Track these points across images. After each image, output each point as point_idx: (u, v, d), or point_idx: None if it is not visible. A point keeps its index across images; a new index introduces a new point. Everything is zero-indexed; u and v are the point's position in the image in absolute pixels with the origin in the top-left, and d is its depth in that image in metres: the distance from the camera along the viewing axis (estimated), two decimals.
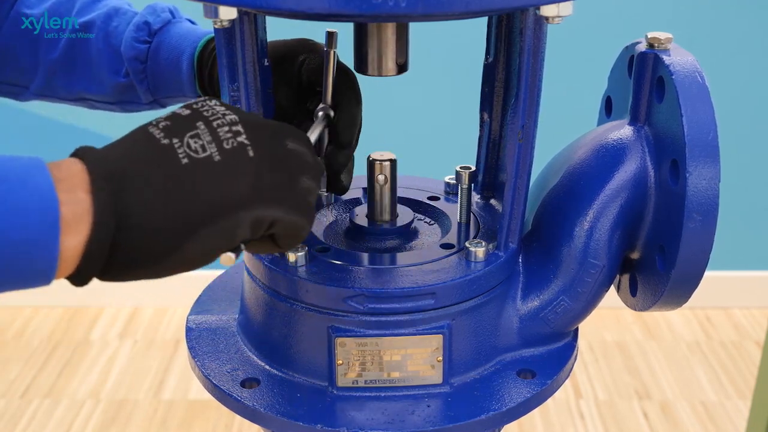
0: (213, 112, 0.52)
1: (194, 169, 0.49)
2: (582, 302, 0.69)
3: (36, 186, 0.45)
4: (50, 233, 0.45)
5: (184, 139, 0.50)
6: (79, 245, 0.47)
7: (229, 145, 0.51)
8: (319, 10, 0.49)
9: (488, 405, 0.65)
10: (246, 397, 0.65)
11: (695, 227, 0.62)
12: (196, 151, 0.50)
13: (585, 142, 0.71)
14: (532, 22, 0.61)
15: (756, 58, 2.12)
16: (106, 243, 0.47)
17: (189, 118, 0.51)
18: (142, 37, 0.78)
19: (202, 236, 0.49)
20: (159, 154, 0.49)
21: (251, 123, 0.53)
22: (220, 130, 0.51)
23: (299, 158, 0.55)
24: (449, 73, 2.06)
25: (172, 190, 0.48)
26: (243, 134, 0.51)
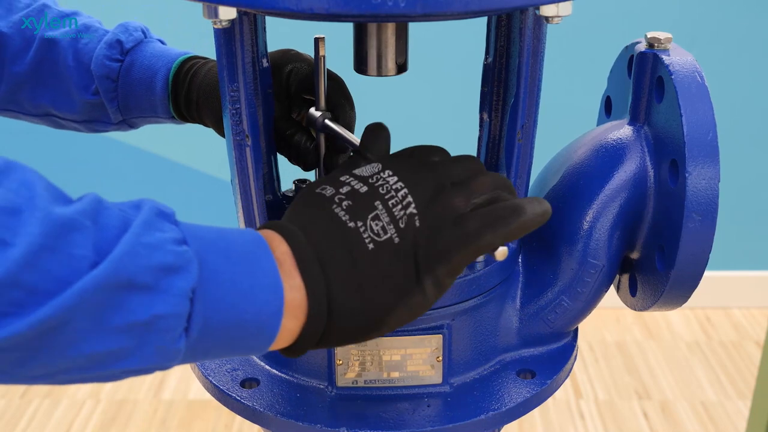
0: (387, 189, 0.53)
1: (379, 253, 0.51)
2: (582, 302, 0.69)
3: (264, 271, 0.48)
4: (275, 316, 0.48)
5: (367, 221, 0.52)
6: (296, 329, 0.50)
7: (403, 223, 0.52)
8: (319, 10, 0.49)
9: (488, 405, 0.65)
10: (246, 397, 0.65)
11: (695, 227, 0.62)
12: (378, 234, 0.52)
13: (584, 142, 0.71)
14: (531, 22, 0.61)
15: (756, 58, 2.13)
16: (318, 328, 0.50)
17: (368, 197, 0.53)
18: (113, 55, 0.77)
19: (396, 314, 0.52)
20: (349, 240, 0.51)
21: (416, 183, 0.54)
22: (395, 209, 0.53)
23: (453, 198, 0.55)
24: (449, 73, 2.06)
25: (366, 276, 0.51)
26: (412, 204, 0.53)
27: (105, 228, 0.42)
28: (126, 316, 0.42)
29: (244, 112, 0.63)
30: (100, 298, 0.41)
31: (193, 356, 0.47)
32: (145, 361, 0.44)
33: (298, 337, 0.50)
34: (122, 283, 0.42)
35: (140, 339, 0.43)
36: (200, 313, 0.44)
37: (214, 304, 0.45)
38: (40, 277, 0.40)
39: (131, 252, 0.42)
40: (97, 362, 0.43)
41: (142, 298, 0.42)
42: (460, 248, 0.53)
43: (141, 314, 0.42)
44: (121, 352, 0.43)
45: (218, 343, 0.47)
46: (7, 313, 0.39)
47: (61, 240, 0.40)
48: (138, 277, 0.42)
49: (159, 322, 0.43)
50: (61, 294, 0.40)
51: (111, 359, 0.43)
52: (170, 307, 0.43)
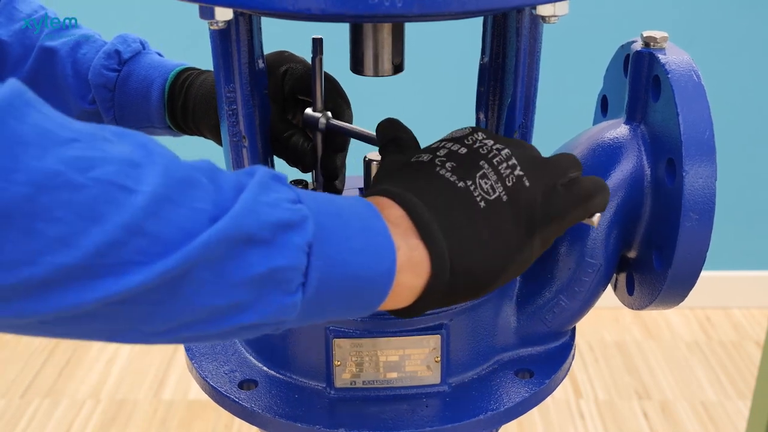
0: (488, 149, 0.55)
1: (491, 211, 0.53)
2: (579, 301, 0.69)
3: (376, 231, 0.49)
4: (388, 273, 0.49)
5: (476, 180, 0.53)
6: (419, 287, 0.51)
7: (510, 183, 0.54)
8: (316, 10, 0.49)
9: (487, 405, 0.65)
10: (244, 398, 0.65)
11: (692, 226, 0.62)
12: (488, 193, 0.53)
13: (581, 141, 0.71)
14: (528, 22, 0.61)
15: (753, 58, 2.13)
16: (443, 286, 0.51)
17: (471, 158, 0.54)
18: (111, 65, 0.78)
19: (509, 270, 0.54)
20: (461, 199, 0.53)
21: (518, 153, 0.56)
22: (500, 167, 0.54)
23: (550, 163, 0.58)
24: (445, 74, 2.06)
25: (482, 234, 0.52)
26: (518, 166, 0.55)
27: (222, 188, 0.43)
28: (246, 269, 0.43)
29: (241, 113, 0.63)
30: (222, 251, 0.42)
31: (309, 313, 0.47)
32: (263, 314, 0.45)
33: (422, 295, 0.51)
34: (242, 238, 0.42)
35: (259, 292, 0.44)
36: (316, 267, 0.45)
37: (329, 259, 0.46)
38: (164, 227, 0.40)
39: (251, 209, 0.43)
40: (219, 315, 0.44)
41: (261, 252, 0.43)
42: (575, 208, 0.56)
43: (260, 267, 0.43)
44: (242, 305, 0.44)
45: (333, 299, 0.48)
46: (134, 262, 0.39)
47: (183, 193, 0.41)
48: (257, 233, 0.43)
49: (277, 274, 0.44)
50: (185, 245, 0.41)
51: (231, 312, 0.44)
52: (288, 260, 0.44)
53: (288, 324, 0.47)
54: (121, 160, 0.40)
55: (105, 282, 0.39)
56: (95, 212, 0.38)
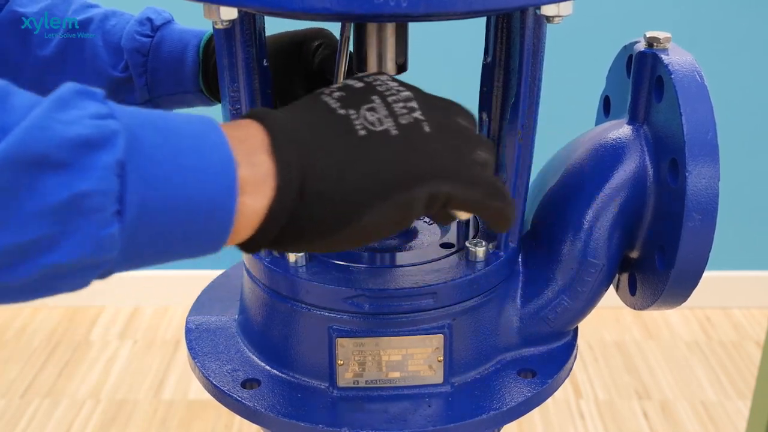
0: (387, 87, 0.51)
1: (372, 141, 0.48)
2: (582, 301, 0.69)
3: (212, 145, 0.43)
4: (227, 194, 0.43)
5: (361, 110, 0.49)
6: (261, 209, 0.45)
7: (405, 121, 0.50)
8: (321, 10, 0.49)
9: (489, 404, 0.65)
10: (246, 397, 0.65)
11: (695, 226, 0.62)
12: (372, 124, 0.49)
13: (584, 142, 0.71)
14: (532, 22, 0.61)
15: (756, 58, 2.13)
16: (288, 208, 0.46)
17: (363, 91, 0.51)
18: (144, 31, 0.79)
19: (378, 209, 0.48)
20: (336, 124, 0.48)
21: (424, 99, 0.52)
22: (395, 105, 0.50)
23: (471, 134, 0.54)
24: (448, 73, 2.06)
25: (352, 161, 0.47)
26: (418, 110, 0.51)
27: (12, 109, 0.38)
28: (42, 197, 0.38)
29: (245, 113, 0.63)
30: (8, 179, 0.37)
31: (136, 250, 0.41)
32: (74, 252, 0.39)
33: (262, 222, 0.45)
34: (32, 161, 0.37)
35: (65, 224, 0.38)
36: (135, 191, 0.40)
37: (152, 182, 0.40)
38: None
39: (41, 126, 0.38)
40: (18, 257, 0.38)
41: (59, 176, 0.38)
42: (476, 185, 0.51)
43: (59, 194, 0.38)
44: (45, 241, 0.38)
45: (163, 230, 0.42)
46: None
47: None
48: (51, 154, 0.37)
49: (82, 202, 0.38)
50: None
51: (33, 251, 0.38)
52: (93, 183, 0.38)
53: (112, 265, 0.41)
54: None
55: None
56: None
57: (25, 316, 2.29)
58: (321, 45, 0.74)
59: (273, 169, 0.45)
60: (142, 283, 2.31)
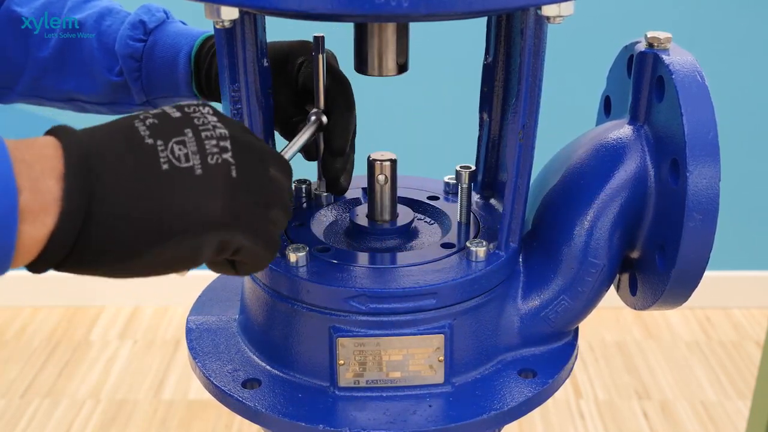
0: (204, 122, 0.50)
1: (173, 177, 0.47)
2: (582, 301, 0.69)
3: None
4: (5, 224, 0.42)
5: (169, 143, 0.48)
6: (42, 237, 0.44)
7: (213, 161, 0.48)
8: (322, 10, 0.49)
9: (490, 404, 0.65)
10: (247, 397, 0.65)
11: (695, 226, 0.62)
12: (178, 159, 0.47)
13: (584, 142, 0.71)
14: (532, 22, 0.61)
15: (756, 58, 2.13)
16: (70, 237, 0.45)
17: (178, 122, 0.49)
18: (137, 35, 0.78)
19: (167, 248, 0.47)
20: (140, 154, 0.47)
21: (240, 142, 0.51)
22: (207, 142, 0.49)
23: (277, 188, 0.54)
24: (449, 73, 2.06)
25: (147, 194, 0.46)
26: (229, 151, 0.49)
27: None
28: None
29: (245, 112, 0.63)
30: None
31: None
32: None
33: (47, 243, 0.44)
34: None
35: None
36: None
37: None
38: None
39: None
40: None
41: None
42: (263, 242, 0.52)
43: None
44: None
45: None
46: None
47: None
48: None
49: None
50: None
51: None
52: None
53: None
54: None
55: None
56: None
57: (25, 316, 2.30)
58: (304, 62, 0.73)
59: (59, 198, 0.44)
60: (142, 283, 2.31)
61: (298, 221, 0.73)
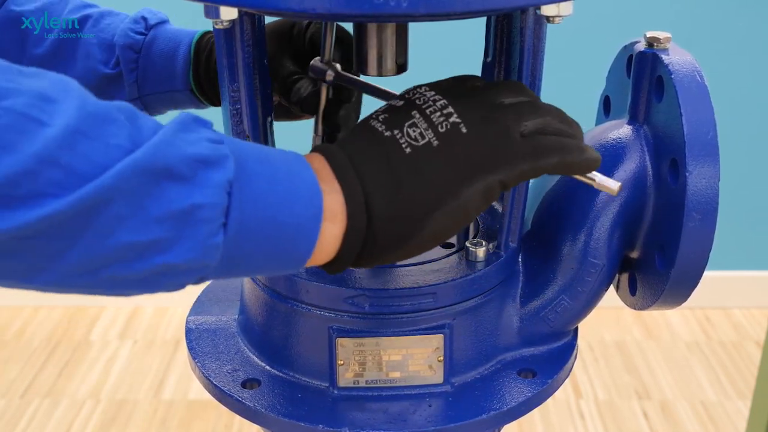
0: (424, 99, 0.54)
1: (417, 157, 0.52)
2: (582, 301, 0.69)
3: (303, 179, 0.49)
4: (313, 219, 0.48)
5: (404, 128, 0.53)
6: (338, 234, 0.50)
7: (444, 128, 0.53)
8: (321, 10, 0.49)
9: (489, 404, 0.65)
10: (247, 397, 0.65)
11: (695, 226, 0.62)
12: (415, 140, 0.52)
13: None
14: (532, 22, 0.61)
15: (756, 58, 2.13)
16: (361, 231, 0.51)
17: (404, 109, 0.54)
18: (138, 28, 0.79)
19: (436, 218, 0.52)
20: (385, 146, 0.52)
21: (461, 100, 0.55)
22: (433, 116, 0.53)
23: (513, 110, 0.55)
24: (449, 73, 2.06)
25: (402, 180, 0.51)
26: (454, 114, 0.53)
27: (141, 127, 0.43)
28: (165, 204, 0.42)
29: (245, 112, 0.63)
30: (139, 184, 0.41)
31: (232, 260, 0.46)
32: (185, 254, 0.44)
33: (342, 244, 0.51)
34: (160, 171, 0.42)
35: (179, 230, 0.43)
36: (238, 207, 0.45)
37: (251, 200, 0.46)
38: (78, 159, 0.40)
39: (168, 142, 0.43)
40: (138, 253, 0.43)
41: (180, 187, 0.43)
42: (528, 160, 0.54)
43: (179, 203, 0.43)
44: (161, 243, 0.43)
45: (257, 246, 0.47)
46: (47, 194, 0.39)
47: (98, 128, 0.41)
48: (175, 167, 0.42)
49: (197, 212, 0.43)
50: (100, 176, 0.40)
51: (151, 251, 0.43)
52: (208, 197, 0.44)
53: (210, 272, 0.46)
54: (35, 93, 0.40)
55: (17, 212, 0.39)
56: (5, 141, 0.38)
57: (25, 316, 2.30)
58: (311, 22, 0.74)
59: (343, 199, 0.50)
60: None
61: None
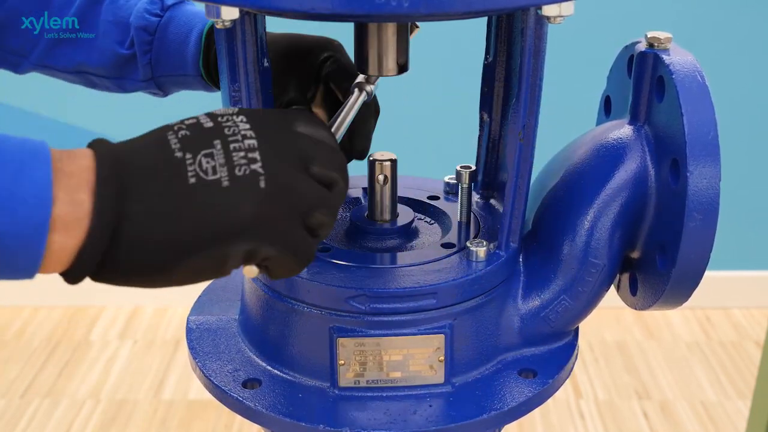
0: (234, 131, 0.50)
1: (199, 191, 0.48)
2: (583, 301, 0.69)
3: (32, 179, 0.44)
4: (36, 231, 0.44)
5: (198, 156, 0.48)
6: (73, 248, 0.46)
7: (241, 172, 0.48)
8: (322, 10, 0.49)
9: (490, 404, 0.65)
10: (248, 397, 0.65)
11: (696, 226, 0.62)
12: (206, 172, 0.48)
13: (585, 142, 0.71)
14: (533, 22, 0.61)
15: (756, 58, 2.13)
16: (99, 250, 0.46)
17: (208, 132, 0.50)
18: (154, 10, 0.79)
19: (193, 261, 0.48)
20: (169, 168, 0.48)
21: (273, 148, 0.50)
22: (235, 154, 0.49)
23: (319, 193, 0.52)
24: (449, 73, 2.06)
25: (172, 211, 0.47)
26: (259, 162, 0.49)
27: None
28: None
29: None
30: None
31: None
32: None
33: (73, 262, 0.46)
34: None
35: None
36: None
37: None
38: None
39: None
40: None
41: None
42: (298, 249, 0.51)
43: None
44: None
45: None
46: None
47: None
48: None
49: None
50: None
51: None
52: None
53: None
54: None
55: None
56: None
57: (25, 316, 2.29)
58: (330, 58, 0.74)
59: (89, 211, 0.45)
60: None
61: None
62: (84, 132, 2.14)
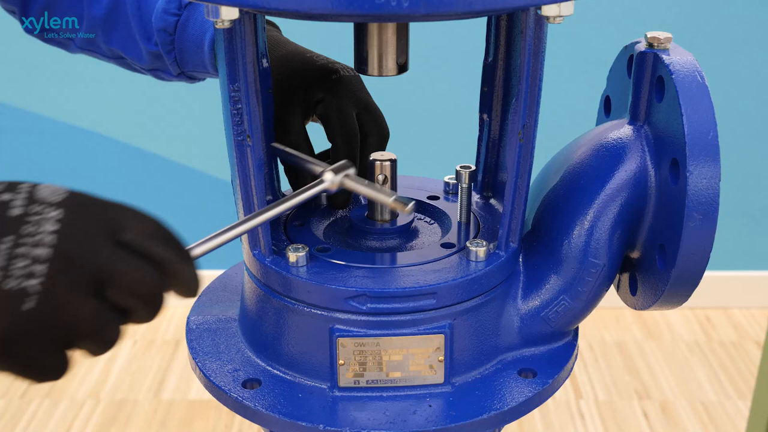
0: (34, 231, 0.44)
1: None
2: (582, 301, 0.69)
3: None
4: None
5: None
6: None
7: (9, 285, 0.43)
8: (321, 10, 0.49)
9: (490, 404, 0.65)
10: (247, 397, 0.65)
11: (695, 226, 0.62)
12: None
13: (584, 142, 0.71)
14: (532, 22, 0.61)
15: (756, 58, 2.13)
16: None
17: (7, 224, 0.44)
18: (171, 9, 0.79)
19: None
20: None
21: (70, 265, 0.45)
22: (17, 261, 0.43)
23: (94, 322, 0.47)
24: (449, 73, 2.06)
25: None
26: (37, 279, 0.43)
27: None
28: None
29: (245, 112, 0.63)
30: None
31: None
32: None
33: None
34: None
35: None
36: None
37: None
38: None
39: None
40: None
41: None
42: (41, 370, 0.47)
43: None
44: None
45: None
46: None
47: None
48: None
49: None
50: None
51: None
52: None
53: None
54: None
55: None
56: None
57: None
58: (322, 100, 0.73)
59: None
60: None
61: (299, 221, 0.73)
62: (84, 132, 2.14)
